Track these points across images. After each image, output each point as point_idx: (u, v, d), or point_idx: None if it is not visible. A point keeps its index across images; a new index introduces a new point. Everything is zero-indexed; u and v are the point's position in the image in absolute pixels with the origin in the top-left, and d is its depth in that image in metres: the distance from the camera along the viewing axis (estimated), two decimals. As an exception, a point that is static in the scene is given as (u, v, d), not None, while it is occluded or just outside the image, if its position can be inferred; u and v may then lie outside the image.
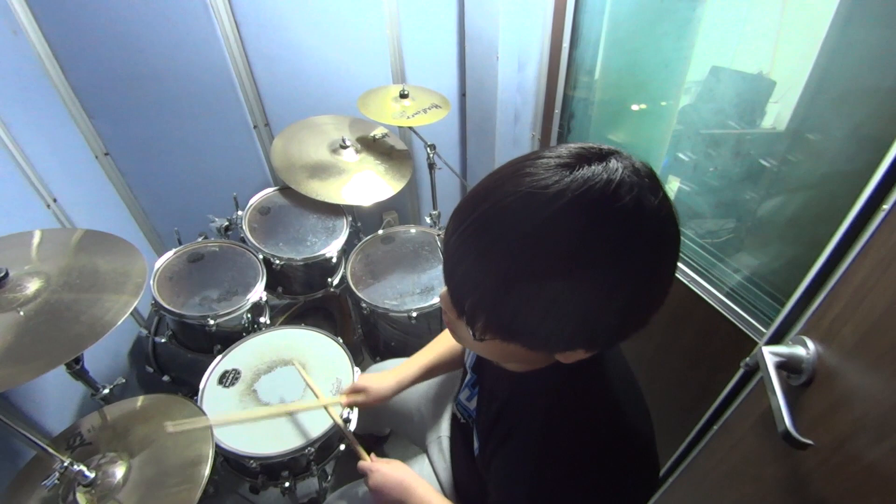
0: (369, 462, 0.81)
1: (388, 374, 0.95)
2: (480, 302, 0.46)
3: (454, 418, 0.85)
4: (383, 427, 1.50)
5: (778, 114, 1.00)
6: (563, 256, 0.41)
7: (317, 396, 1.01)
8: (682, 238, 0.46)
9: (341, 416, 1.03)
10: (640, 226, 0.41)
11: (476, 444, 0.72)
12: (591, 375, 0.56)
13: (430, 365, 0.96)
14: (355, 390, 0.94)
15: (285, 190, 1.60)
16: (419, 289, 1.43)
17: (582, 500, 0.53)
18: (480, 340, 0.50)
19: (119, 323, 0.77)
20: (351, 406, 0.95)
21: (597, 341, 0.47)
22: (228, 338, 1.26)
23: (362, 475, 0.81)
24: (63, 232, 1.13)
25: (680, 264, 1.11)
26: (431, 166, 1.57)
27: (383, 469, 0.78)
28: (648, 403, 0.62)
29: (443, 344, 0.98)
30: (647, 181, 0.42)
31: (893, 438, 0.50)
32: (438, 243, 1.56)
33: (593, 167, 0.41)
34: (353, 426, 1.07)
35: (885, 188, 0.55)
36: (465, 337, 0.53)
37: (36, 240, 0.93)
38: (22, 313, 0.76)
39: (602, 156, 0.42)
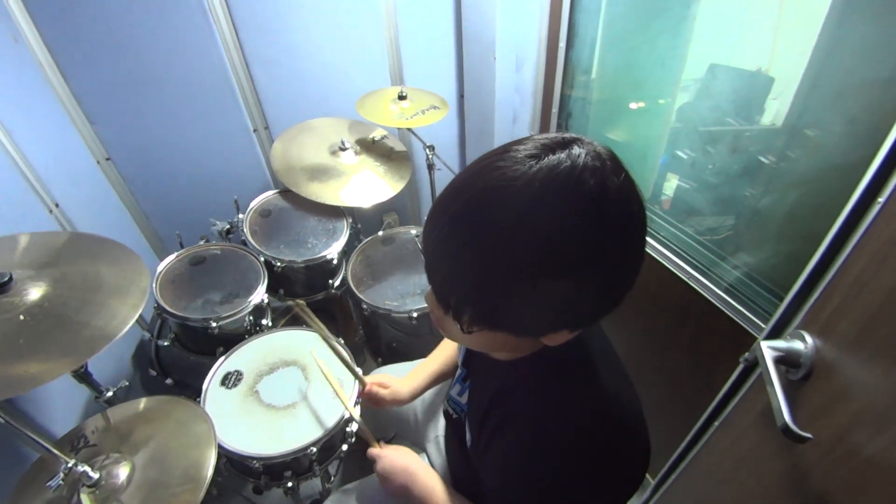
0: (378, 449, 0.83)
1: (402, 380, 0.97)
2: (464, 297, 0.48)
3: (446, 415, 0.86)
4: (387, 431, 1.50)
5: (777, 110, 1.00)
6: (537, 244, 0.42)
7: (327, 378, 1.01)
8: (681, 235, 0.47)
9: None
10: (605, 207, 0.42)
11: (468, 437, 0.73)
12: (576, 358, 0.57)
13: (440, 372, 0.98)
14: (381, 384, 0.96)
15: (286, 192, 1.61)
16: (420, 289, 1.43)
17: (576, 482, 0.54)
18: (469, 333, 0.51)
19: (124, 332, 0.77)
20: (368, 397, 0.96)
21: (579, 321, 0.50)
22: (231, 340, 1.26)
23: (371, 461, 0.82)
24: (64, 235, 1.13)
25: (679, 261, 1.11)
26: (431, 167, 1.58)
27: (390, 455, 0.79)
28: (649, 401, 0.62)
29: (448, 350, 0.99)
30: (609, 164, 0.43)
31: (892, 431, 0.50)
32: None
33: (557, 155, 0.42)
34: (357, 415, 1.07)
35: (879, 181, 0.55)
36: (453, 332, 0.55)
37: (37, 243, 0.93)
38: (23, 318, 0.76)
39: (565, 143, 0.44)
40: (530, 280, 0.44)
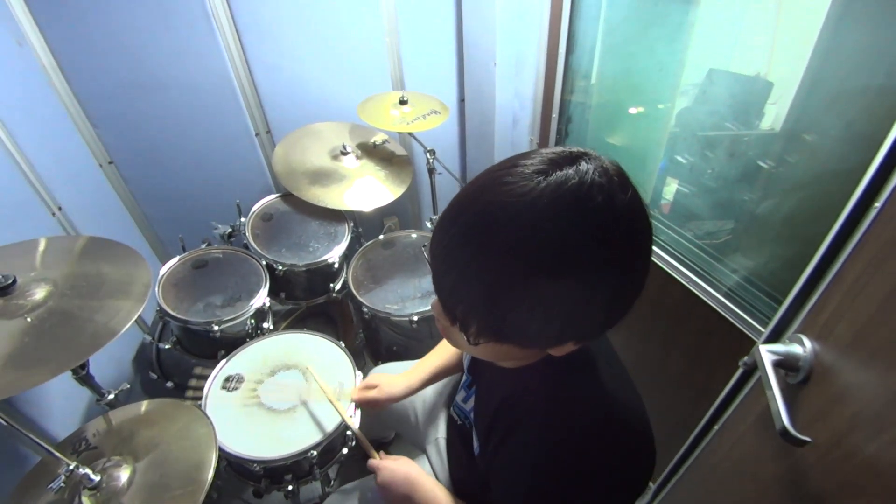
0: (378, 460, 0.83)
1: (397, 377, 0.96)
2: (471, 309, 0.49)
3: (451, 420, 0.86)
4: (387, 431, 1.50)
5: (775, 115, 1.01)
6: (545, 259, 0.43)
7: (325, 392, 1.02)
8: (680, 240, 0.48)
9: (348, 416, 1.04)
10: (613, 223, 0.43)
11: (476, 445, 0.73)
12: (582, 365, 0.58)
13: (437, 369, 0.98)
14: (368, 386, 0.96)
15: (287, 196, 1.61)
16: (420, 293, 1.43)
17: (583, 482, 0.54)
18: (475, 344, 0.51)
19: (126, 328, 0.78)
20: (361, 403, 0.97)
21: (585, 333, 0.50)
22: (232, 343, 1.27)
23: (372, 472, 0.82)
24: (68, 239, 1.14)
25: (679, 265, 1.12)
26: (431, 171, 1.59)
27: (391, 465, 0.79)
28: (648, 404, 0.62)
29: (448, 348, 0.99)
30: (616, 179, 0.44)
31: (890, 433, 0.50)
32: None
33: (565, 171, 0.43)
34: (355, 427, 1.08)
35: (877, 185, 0.55)
36: (459, 341, 0.55)
37: (42, 247, 0.94)
38: (29, 319, 0.77)
39: (573, 159, 0.44)
40: (536, 294, 0.44)
